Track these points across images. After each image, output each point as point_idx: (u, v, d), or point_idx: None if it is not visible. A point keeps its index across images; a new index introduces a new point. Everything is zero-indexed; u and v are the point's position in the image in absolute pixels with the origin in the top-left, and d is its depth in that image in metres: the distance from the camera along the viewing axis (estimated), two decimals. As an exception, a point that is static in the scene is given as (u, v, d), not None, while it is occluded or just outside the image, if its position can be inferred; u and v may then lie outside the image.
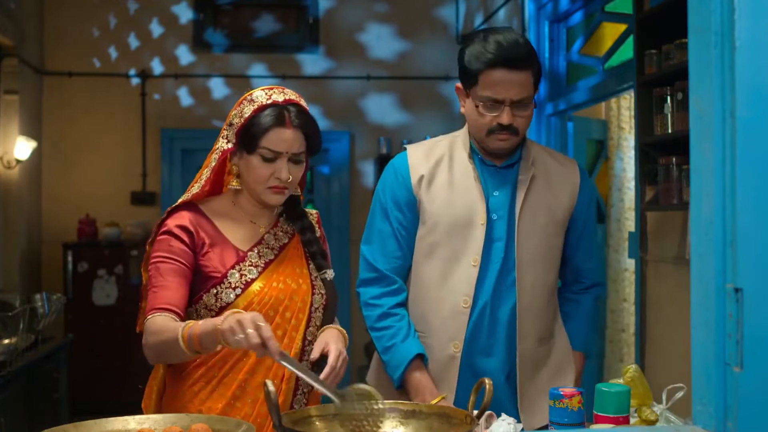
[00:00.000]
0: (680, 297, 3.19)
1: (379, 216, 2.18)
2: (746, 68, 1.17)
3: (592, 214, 2.30)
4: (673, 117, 3.06)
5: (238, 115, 1.89)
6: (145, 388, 1.96)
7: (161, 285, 1.82)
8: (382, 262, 2.15)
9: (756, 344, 1.16)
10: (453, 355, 2.10)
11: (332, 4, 6.54)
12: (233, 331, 1.57)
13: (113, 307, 5.91)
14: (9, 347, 3.84)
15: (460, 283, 2.09)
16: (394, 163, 2.20)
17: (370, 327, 2.16)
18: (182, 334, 1.67)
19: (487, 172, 2.15)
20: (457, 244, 2.10)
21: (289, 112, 1.86)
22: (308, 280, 1.96)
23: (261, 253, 1.92)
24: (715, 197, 1.21)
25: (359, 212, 6.49)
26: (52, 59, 6.35)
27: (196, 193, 1.92)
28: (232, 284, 1.86)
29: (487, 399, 1.50)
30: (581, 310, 2.29)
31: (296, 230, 2.01)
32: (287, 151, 1.86)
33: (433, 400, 2.02)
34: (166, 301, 1.79)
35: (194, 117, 6.45)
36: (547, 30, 4.82)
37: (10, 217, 5.66)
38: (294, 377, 1.90)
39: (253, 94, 1.90)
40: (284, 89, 1.92)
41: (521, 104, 2.06)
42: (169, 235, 1.87)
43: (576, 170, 2.24)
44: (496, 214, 2.12)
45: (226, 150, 1.91)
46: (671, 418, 1.81)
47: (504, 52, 2.01)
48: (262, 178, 1.87)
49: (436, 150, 2.19)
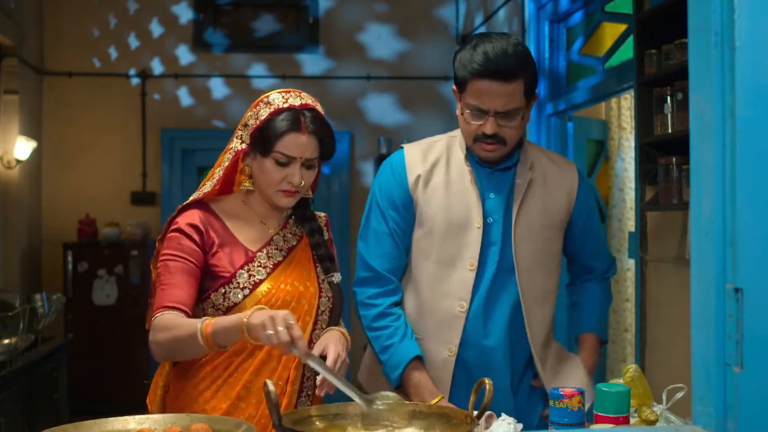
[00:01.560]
0: (680, 297, 3.19)
1: (375, 215, 2.17)
2: (746, 68, 1.17)
3: (593, 216, 2.27)
4: (673, 117, 3.06)
5: (253, 117, 1.89)
6: (151, 383, 1.97)
7: (170, 283, 1.82)
8: (378, 261, 2.14)
9: (756, 344, 1.16)
10: (447, 359, 2.09)
11: (332, 4, 6.54)
12: (264, 326, 1.58)
13: (113, 307, 5.91)
14: (9, 347, 3.84)
15: (456, 287, 2.08)
16: (390, 162, 2.18)
17: (366, 326, 2.15)
18: (201, 329, 1.68)
19: (484, 174, 2.12)
20: (453, 248, 2.09)
21: (305, 117, 1.87)
22: (315, 283, 1.96)
23: (270, 254, 1.92)
24: (715, 197, 1.21)
25: (359, 212, 6.43)
26: (52, 59, 6.35)
27: (207, 192, 1.92)
28: (240, 284, 1.86)
29: (487, 399, 1.50)
30: (590, 294, 2.28)
31: (305, 232, 2.01)
32: (301, 156, 1.86)
33: (433, 399, 2.02)
34: (175, 300, 1.80)
35: (194, 117, 6.45)
36: (547, 30, 4.81)
37: (10, 217, 5.66)
38: (299, 380, 1.91)
39: (269, 96, 1.90)
40: (301, 93, 1.92)
41: (508, 115, 2.01)
42: (180, 233, 1.87)
43: (574, 173, 2.21)
44: (491, 218, 2.10)
45: (239, 150, 1.90)
46: (671, 418, 1.81)
47: (490, 63, 1.96)
48: (274, 182, 1.88)
49: (434, 150, 2.17)
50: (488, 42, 2.00)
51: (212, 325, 1.68)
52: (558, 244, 2.19)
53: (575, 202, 2.19)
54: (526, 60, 2.02)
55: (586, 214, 2.22)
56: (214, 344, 1.69)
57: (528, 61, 2.02)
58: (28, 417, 3.93)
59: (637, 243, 3.51)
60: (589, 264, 2.28)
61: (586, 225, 2.23)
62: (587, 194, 2.24)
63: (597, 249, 2.28)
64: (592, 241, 2.26)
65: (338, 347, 1.83)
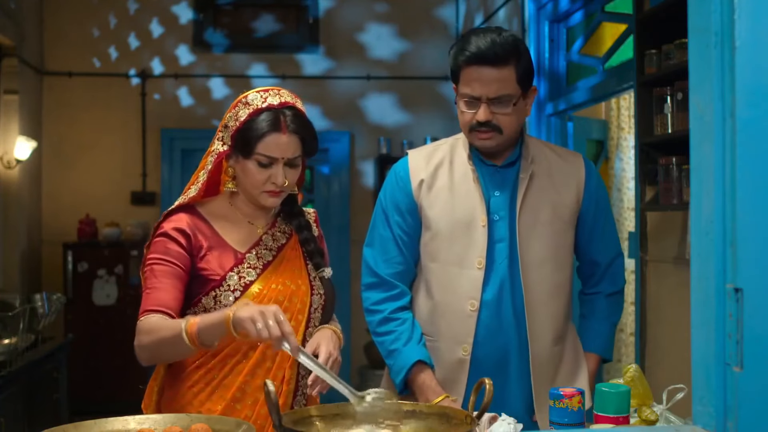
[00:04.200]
0: (680, 297, 3.19)
1: (380, 221, 2.18)
2: (746, 68, 1.17)
3: (604, 207, 2.22)
4: (673, 117, 3.06)
5: (233, 118, 1.87)
6: (146, 389, 1.96)
7: (154, 287, 1.81)
8: (382, 267, 2.15)
9: (756, 344, 1.16)
10: (462, 359, 2.09)
11: (332, 4, 6.54)
12: (254, 319, 1.56)
13: (113, 307, 5.91)
14: (9, 347, 3.84)
15: (466, 286, 2.08)
16: (395, 168, 2.20)
17: (372, 332, 2.17)
18: (186, 328, 1.66)
19: (487, 173, 2.13)
20: (460, 248, 2.09)
21: (285, 117, 1.84)
22: (307, 281, 1.95)
23: (259, 255, 1.91)
24: (715, 197, 1.21)
25: (359, 212, 6.49)
26: (52, 59, 6.35)
27: (193, 196, 1.91)
28: (231, 287, 1.85)
29: (487, 399, 1.50)
30: (594, 309, 2.24)
31: (293, 229, 2.00)
32: (283, 156, 1.85)
33: (436, 398, 2.02)
34: (159, 303, 1.78)
35: (194, 117, 6.45)
36: (547, 30, 4.81)
37: (10, 217, 5.66)
38: (294, 379, 1.90)
39: (248, 96, 1.87)
40: (280, 90, 1.89)
41: (500, 102, 2.03)
42: (166, 237, 1.86)
43: (581, 164, 2.19)
44: (497, 215, 2.10)
45: (222, 152, 1.89)
46: (671, 419, 1.81)
47: (479, 50, 2.00)
48: (258, 183, 1.87)
49: (437, 154, 2.18)
50: (480, 32, 2.06)
51: (197, 324, 1.66)
52: (570, 238, 2.16)
53: (584, 192, 2.16)
54: (516, 47, 2.04)
55: (596, 205, 2.18)
56: (200, 343, 1.66)
57: (518, 49, 2.04)
58: (28, 417, 3.93)
59: (637, 243, 3.51)
60: (594, 258, 2.23)
61: (596, 216, 2.19)
62: (597, 185, 2.20)
63: (605, 242, 2.22)
64: (600, 233, 2.20)
65: (329, 346, 1.82)
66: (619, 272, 2.27)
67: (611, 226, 2.25)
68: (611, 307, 2.25)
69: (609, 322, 2.24)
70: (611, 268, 2.24)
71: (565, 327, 2.17)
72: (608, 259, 2.23)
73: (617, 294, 2.26)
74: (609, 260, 2.23)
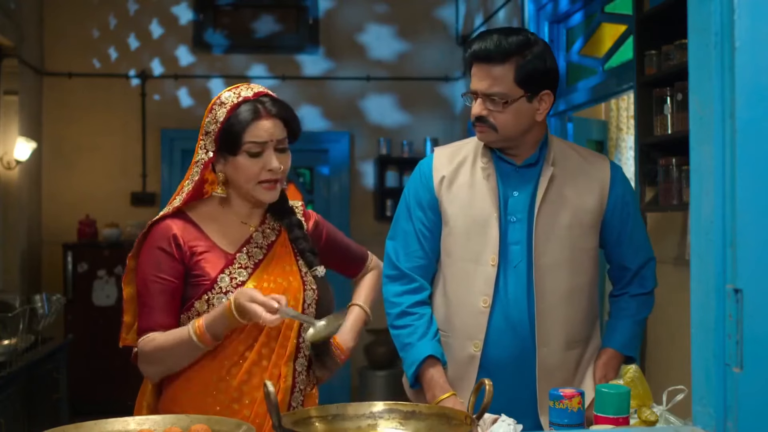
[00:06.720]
0: (680, 297, 3.18)
1: (403, 215, 2.21)
2: (746, 68, 1.17)
3: (632, 210, 2.18)
4: (673, 117, 3.06)
5: (212, 122, 1.88)
6: (135, 405, 1.97)
7: (151, 306, 1.85)
8: (403, 260, 2.17)
9: (756, 344, 1.16)
10: (473, 355, 2.09)
11: (332, 5, 6.54)
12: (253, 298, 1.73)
13: (113, 308, 5.91)
14: (9, 348, 3.84)
15: (479, 282, 2.08)
16: (420, 165, 2.23)
17: (390, 325, 2.18)
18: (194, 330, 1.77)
19: (507, 172, 2.13)
20: (475, 245, 2.10)
21: (263, 104, 1.87)
22: (298, 277, 1.96)
23: (250, 254, 1.92)
24: (715, 197, 1.20)
25: (359, 212, 6.49)
26: (52, 60, 6.35)
27: (178, 206, 1.92)
28: (223, 289, 1.86)
29: (487, 400, 1.50)
30: (618, 309, 2.21)
31: (284, 227, 2.01)
32: (271, 138, 1.86)
33: (442, 395, 2.02)
34: (160, 323, 1.84)
35: (194, 117, 6.45)
36: (547, 30, 4.82)
37: (10, 218, 5.66)
38: (291, 376, 1.91)
39: (221, 96, 1.89)
40: (250, 84, 1.92)
41: (493, 100, 2.02)
42: (158, 250, 1.87)
43: (606, 167, 2.15)
44: (514, 217, 2.09)
45: (207, 161, 1.89)
46: (671, 419, 1.81)
47: (478, 46, 2.03)
48: (253, 175, 1.87)
49: (462, 151, 2.19)
50: (492, 31, 2.07)
51: (202, 320, 1.78)
52: (592, 242, 2.13)
53: (609, 196, 2.13)
54: (520, 47, 2.01)
55: (621, 210, 2.15)
56: (210, 337, 1.77)
57: (522, 51, 2.01)
58: (28, 417, 3.93)
59: (637, 243, 3.50)
60: (623, 263, 2.19)
61: (622, 221, 2.15)
62: (623, 188, 2.16)
63: (634, 247, 2.18)
64: (627, 239, 2.17)
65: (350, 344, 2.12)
66: (649, 276, 2.22)
67: (640, 231, 2.21)
68: (637, 306, 2.21)
69: (632, 320, 2.19)
70: (641, 273, 2.20)
71: (584, 331, 2.14)
72: (638, 264, 2.19)
73: (645, 295, 2.22)
74: (638, 265, 2.19)
